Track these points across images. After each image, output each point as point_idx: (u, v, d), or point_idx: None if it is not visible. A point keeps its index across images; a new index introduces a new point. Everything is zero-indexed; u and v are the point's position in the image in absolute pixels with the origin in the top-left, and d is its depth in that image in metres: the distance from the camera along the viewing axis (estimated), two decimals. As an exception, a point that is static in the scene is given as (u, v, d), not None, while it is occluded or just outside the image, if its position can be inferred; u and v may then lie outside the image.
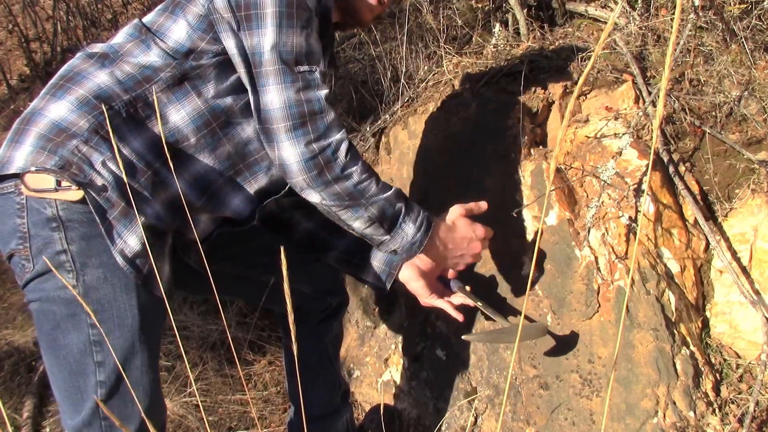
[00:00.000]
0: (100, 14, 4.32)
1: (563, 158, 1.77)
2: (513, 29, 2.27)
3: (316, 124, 1.11)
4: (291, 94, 1.10)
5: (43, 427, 2.08)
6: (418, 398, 1.79)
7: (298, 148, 1.11)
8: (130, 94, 1.13)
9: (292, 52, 1.10)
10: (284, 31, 1.09)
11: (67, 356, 1.15)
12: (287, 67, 1.10)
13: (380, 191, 1.19)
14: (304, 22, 1.11)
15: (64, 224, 1.10)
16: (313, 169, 1.12)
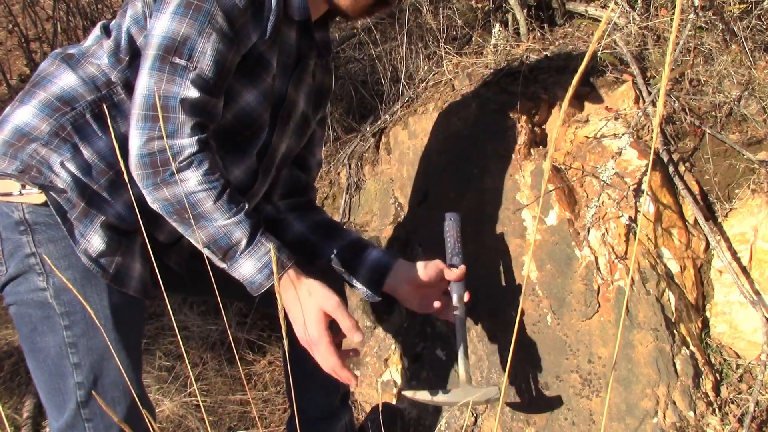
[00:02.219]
0: (100, 14, 4.32)
1: (563, 158, 1.77)
2: (513, 29, 2.27)
3: (167, 123, 1.05)
4: (152, 83, 1.05)
5: (43, 427, 2.08)
6: (418, 398, 1.79)
7: (139, 141, 1.05)
8: (95, 94, 1.14)
9: (175, 40, 1.05)
10: (177, 19, 1.05)
11: (45, 359, 1.15)
12: (163, 54, 1.05)
13: (217, 212, 1.07)
14: (201, 16, 1.05)
15: (31, 227, 1.10)
16: (148, 167, 1.05)
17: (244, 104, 1.22)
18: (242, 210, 1.10)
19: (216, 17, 1.06)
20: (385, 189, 2.16)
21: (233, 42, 1.10)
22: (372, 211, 2.22)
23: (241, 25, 1.10)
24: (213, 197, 1.07)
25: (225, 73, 1.11)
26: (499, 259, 1.70)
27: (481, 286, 1.72)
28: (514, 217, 1.69)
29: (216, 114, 1.12)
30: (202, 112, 1.09)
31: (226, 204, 1.08)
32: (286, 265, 1.13)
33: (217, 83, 1.10)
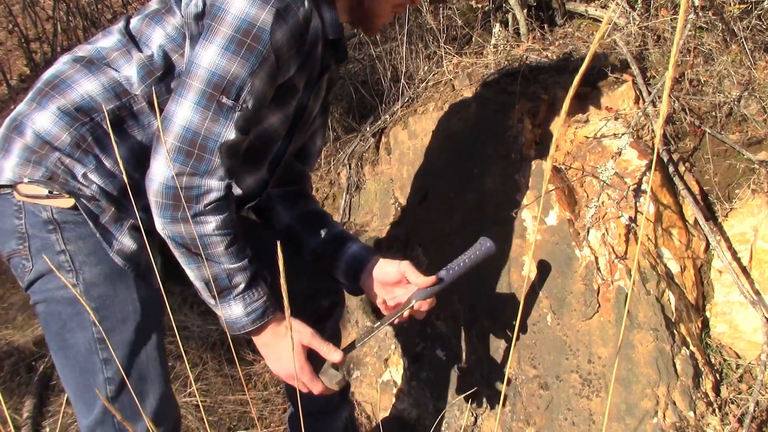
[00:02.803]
0: (100, 14, 4.32)
1: (563, 158, 1.77)
2: (513, 29, 2.27)
3: (201, 161, 1.06)
4: (196, 118, 1.05)
5: (43, 427, 2.08)
6: (418, 398, 1.79)
7: (168, 171, 1.05)
8: (114, 103, 1.13)
9: (225, 78, 1.04)
10: (228, 56, 1.03)
11: (75, 355, 1.16)
12: (211, 92, 1.04)
13: (226, 256, 1.11)
14: (254, 57, 1.04)
15: (60, 226, 1.12)
16: (170, 199, 1.06)
17: (268, 126, 1.23)
18: (247, 257, 1.14)
19: (269, 59, 1.06)
20: (385, 189, 2.16)
21: (276, 79, 1.11)
22: (372, 211, 2.22)
23: (285, 61, 1.10)
24: (226, 243, 1.10)
25: (262, 108, 1.13)
26: (499, 259, 1.70)
27: (481, 286, 1.72)
28: (514, 217, 1.69)
29: (242, 150, 1.14)
30: (236, 154, 1.11)
31: (236, 251, 1.12)
32: (272, 313, 1.18)
33: (254, 120, 1.12)
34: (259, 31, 1.02)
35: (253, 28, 1.02)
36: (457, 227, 1.82)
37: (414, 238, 1.95)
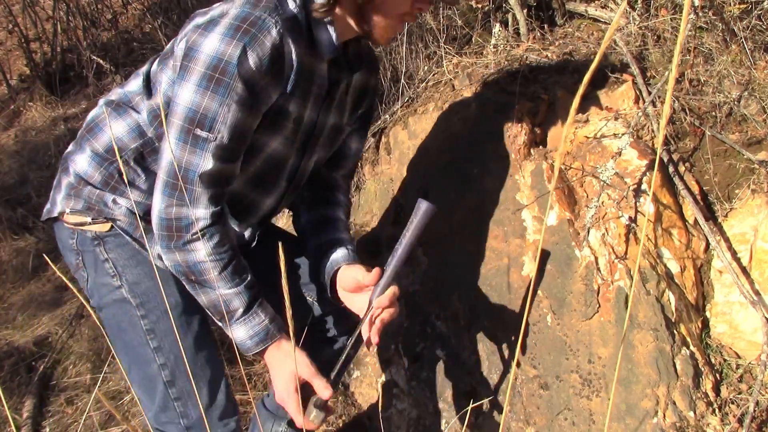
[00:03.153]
0: (100, 14, 4.32)
1: (563, 158, 1.77)
2: (513, 29, 2.27)
3: (185, 193, 1.14)
4: (177, 153, 1.14)
5: (43, 427, 2.08)
6: (418, 398, 1.79)
7: (161, 205, 1.16)
8: (138, 141, 1.28)
9: (197, 113, 1.11)
10: (200, 92, 1.10)
11: (132, 351, 1.30)
12: (187, 126, 1.12)
13: (220, 281, 1.18)
14: (222, 89, 1.10)
15: (102, 240, 1.30)
16: (164, 230, 1.17)
17: (272, 150, 1.28)
18: (243, 282, 1.21)
19: (236, 89, 1.11)
20: (385, 189, 2.17)
21: (253, 107, 1.15)
22: (372, 211, 2.22)
23: (262, 88, 1.14)
24: (219, 268, 1.18)
25: (244, 137, 1.17)
26: (498, 260, 1.70)
27: (481, 286, 1.72)
28: (514, 217, 1.69)
29: (233, 176, 1.21)
30: (219, 181, 1.18)
31: (230, 275, 1.19)
32: (274, 336, 1.23)
33: (236, 149, 1.17)
34: (226, 64, 1.09)
35: (221, 62, 1.09)
36: (457, 227, 1.82)
37: (414, 238, 1.95)
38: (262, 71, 1.12)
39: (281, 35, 1.12)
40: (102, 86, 3.96)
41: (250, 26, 1.10)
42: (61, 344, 2.41)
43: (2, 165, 3.60)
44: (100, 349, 2.35)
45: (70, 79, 4.09)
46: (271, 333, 1.22)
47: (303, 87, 1.23)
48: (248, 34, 1.09)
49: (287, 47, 1.15)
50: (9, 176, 3.50)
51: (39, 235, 3.04)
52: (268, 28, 1.11)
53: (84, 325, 2.50)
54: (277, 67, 1.14)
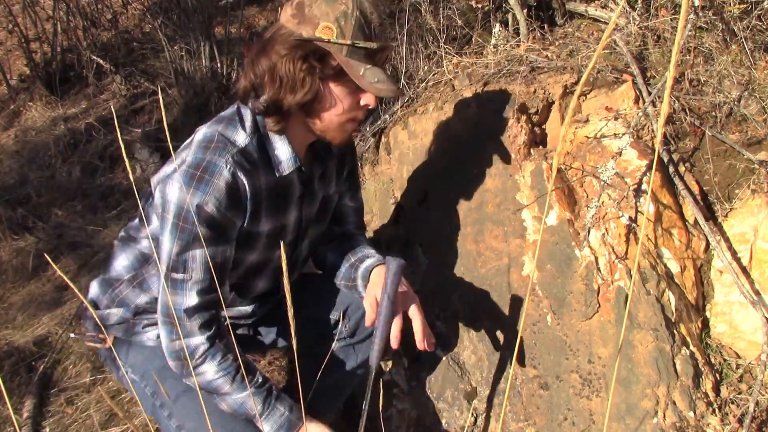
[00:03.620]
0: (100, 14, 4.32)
1: (563, 158, 1.76)
2: (513, 29, 2.27)
3: (179, 328, 1.28)
4: (164, 297, 1.29)
5: (43, 427, 2.08)
6: (418, 398, 1.79)
7: (166, 341, 1.31)
8: (139, 269, 1.46)
9: (170, 259, 1.24)
10: (172, 240, 1.24)
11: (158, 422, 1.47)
12: (167, 272, 1.26)
13: (235, 391, 1.30)
14: (186, 234, 1.22)
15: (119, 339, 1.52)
16: (175, 360, 1.32)
17: (249, 262, 1.40)
18: (254, 384, 1.33)
19: (198, 231, 1.22)
20: (385, 189, 2.16)
21: (219, 241, 1.26)
22: (372, 211, 2.22)
23: (224, 224, 1.25)
24: (229, 381, 1.30)
25: (220, 268, 1.29)
26: (498, 260, 1.70)
27: (481, 286, 1.72)
28: (514, 217, 1.69)
29: (220, 299, 1.31)
30: (207, 309, 1.29)
31: (240, 383, 1.31)
32: (296, 424, 1.33)
33: (213, 280, 1.27)
34: (187, 212, 1.21)
35: (182, 210, 1.22)
36: (457, 227, 1.82)
37: (414, 238, 1.95)
38: (222, 210, 1.23)
39: (233, 173, 1.23)
40: (102, 86, 3.96)
41: (203, 173, 1.21)
42: (61, 344, 2.41)
43: (2, 165, 3.60)
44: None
45: (70, 79, 4.09)
46: (293, 422, 1.32)
47: (271, 204, 1.34)
48: (203, 181, 1.21)
49: (240, 182, 1.25)
50: (9, 176, 3.50)
51: (39, 235, 3.03)
52: (219, 170, 1.22)
53: (84, 326, 2.50)
54: (234, 202, 1.25)
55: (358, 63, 1.20)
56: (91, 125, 3.61)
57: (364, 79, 1.20)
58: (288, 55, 1.20)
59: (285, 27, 1.22)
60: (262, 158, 1.29)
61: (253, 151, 1.27)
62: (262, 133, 1.29)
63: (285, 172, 1.31)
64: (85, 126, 3.63)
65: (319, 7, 1.19)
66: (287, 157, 1.31)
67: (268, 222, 1.35)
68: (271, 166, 1.30)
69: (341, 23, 1.18)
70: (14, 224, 3.13)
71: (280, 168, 1.31)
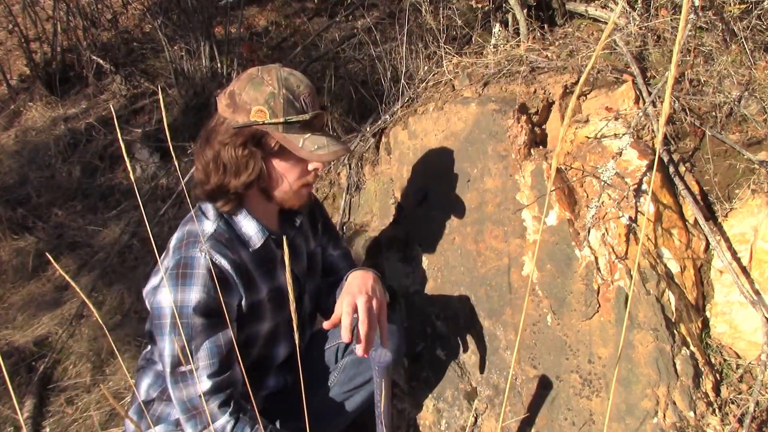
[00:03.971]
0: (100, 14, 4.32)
1: (563, 158, 1.77)
2: (513, 29, 2.27)
3: (201, 416, 1.31)
4: (177, 394, 1.31)
5: (43, 427, 2.08)
6: (418, 398, 1.79)
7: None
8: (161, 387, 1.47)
9: (175, 356, 1.28)
10: (170, 339, 1.28)
11: None
12: (172, 370, 1.30)
13: None
14: (186, 328, 1.27)
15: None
16: None
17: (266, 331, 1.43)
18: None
19: (195, 322, 1.27)
20: (385, 189, 2.16)
21: (218, 327, 1.30)
22: (372, 211, 2.22)
23: (218, 308, 1.28)
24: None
25: (224, 350, 1.31)
26: (498, 259, 1.70)
27: (481, 286, 1.72)
28: (514, 217, 1.69)
29: (236, 378, 1.35)
30: (222, 390, 1.32)
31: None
32: None
33: (222, 362, 1.31)
34: (181, 308, 1.27)
35: (176, 308, 1.27)
36: (457, 227, 1.82)
37: (414, 238, 1.95)
38: (212, 295, 1.27)
39: (210, 258, 1.29)
40: (102, 86, 3.96)
41: (184, 269, 1.28)
42: (61, 344, 2.41)
43: (2, 165, 3.60)
44: (100, 349, 2.35)
45: (70, 79, 4.09)
46: None
47: (262, 272, 1.39)
48: (186, 276, 1.27)
49: (219, 264, 1.31)
50: (9, 176, 3.50)
51: (39, 235, 3.04)
52: (197, 261, 1.28)
53: (84, 325, 2.50)
54: (221, 284, 1.30)
55: (296, 135, 1.30)
56: (91, 125, 3.61)
57: (304, 150, 1.30)
58: (229, 142, 1.30)
59: (222, 116, 1.31)
60: (235, 237, 1.38)
61: (224, 233, 1.35)
62: (226, 217, 1.38)
63: (257, 246, 1.39)
64: (85, 126, 3.63)
65: (248, 94, 1.29)
66: (255, 232, 1.39)
67: (265, 288, 1.40)
68: (244, 242, 1.39)
69: (271, 104, 1.28)
70: (14, 224, 3.13)
71: (251, 243, 1.39)
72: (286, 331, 1.51)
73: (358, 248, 2.13)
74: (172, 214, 2.86)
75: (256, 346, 1.44)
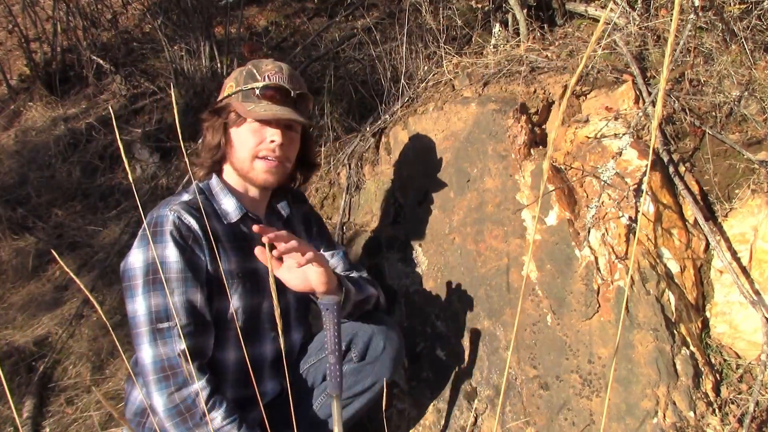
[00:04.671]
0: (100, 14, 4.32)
1: (563, 158, 1.77)
2: (513, 29, 2.27)
3: (176, 378, 1.28)
4: (154, 352, 1.29)
5: (43, 427, 2.08)
6: (418, 398, 1.79)
7: (163, 399, 1.29)
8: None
9: (151, 313, 1.29)
10: (147, 296, 1.29)
11: None
12: (149, 328, 1.29)
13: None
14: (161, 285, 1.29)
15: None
16: (176, 417, 1.29)
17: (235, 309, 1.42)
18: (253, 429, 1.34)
19: (171, 279, 1.30)
20: (385, 189, 2.16)
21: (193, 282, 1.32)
22: (372, 211, 2.22)
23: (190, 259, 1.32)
24: (236, 428, 1.31)
25: (198, 312, 1.33)
26: (498, 259, 1.70)
27: (481, 286, 1.72)
28: (514, 217, 1.69)
29: (208, 347, 1.36)
30: (198, 354, 1.32)
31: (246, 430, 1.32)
32: None
33: (197, 323, 1.32)
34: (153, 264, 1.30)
35: (149, 266, 1.30)
36: (457, 227, 1.82)
37: (414, 238, 1.95)
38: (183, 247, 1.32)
39: (178, 216, 1.34)
40: (102, 86, 3.96)
41: (155, 227, 1.33)
42: (61, 344, 2.41)
43: (2, 165, 3.60)
44: (100, 349, 2.35)
45: (70, 79, 4.09)
46: None
47: (233, 246, 1.42)
48: (157, 234, 1.32)
49: (187, 221, 1.35)
50: (9, 176, 3.50)
51: (39, 235, 3.04)
52: (166, 218, 1.34)
53: (84, 325, 2.50)
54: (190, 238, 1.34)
55: (252, 104, 1.42)
56: (91, 125, 3.61)
57: (249, 110, 1.40)
58: (207, 118, 1.48)
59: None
60: (212, 211, 1.43)
61: (198, 203, 1.40)
62: (207, 195, 1.45)
63: (233, 220, 1.44)
64: (85, 126, 3.63)
65: (229, 76, 1.49)
66: (233, 208, 1.45)
67: (235, 262, 1.42)
68: (219, 216, 1.44)
69: (237, 79, 1.46)
70: (14, 224, 3.13)
71: (228, 217, 1.44)
72: (271, 328, 1.50)
73: (358, 248, 2.13)
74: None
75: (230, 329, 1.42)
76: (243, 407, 1.44)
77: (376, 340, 1.52)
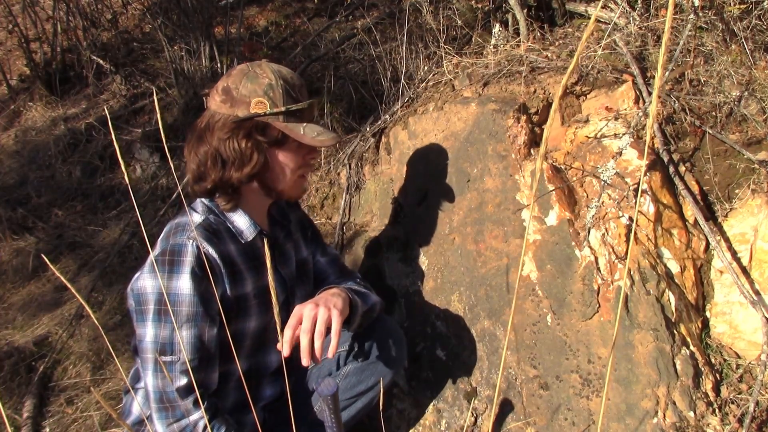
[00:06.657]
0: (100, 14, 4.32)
1: (563, 158, 1.77)
2: (513, 29, 2.27)
3: (174, 411, 1.29)
4: (156, 382, 1.30)
5: (43, 427, 2.08)
6: (418, 398, 1.79)
7: (162, 427, 1.31)
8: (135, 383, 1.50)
9: (158, 343, 1.28)
10: (157, 325, 1.27)
11: None
12: (155, 357, 1.28)
13: None
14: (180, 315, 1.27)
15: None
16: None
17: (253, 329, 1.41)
18: None
19: (182, 311, 1.27)
20: (385, 189, 2.16)
21: (203, 319, 1.29)
22: (372, 211, 2.22)
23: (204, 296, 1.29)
24: None
25: (206, 346, 1.31)
26: (498, 260, 1.70)
27: (481, 286, 1.72)
28: (514, 217, 1.69)
29: (212, 380, 1.34)
30: (201, 386, 1.31)
31: None
32: None
33: (201, 359, 1.31)
34: (169, 296, 1.26)
35: (161, 295, 1.26)
36: (457, 227, 1.82)
37: (414, 238, 1.95)
38: (201, 284, 1.27)
39: (196, 246, 1.28)
40: (102, 86, 3.96)
41: (171, 256, 1.27)
42: (61, 344, 2.41)
43: (2, 165, 3.60)
44: (100, 349, 2.35)
45: (70, 79, 4.09)
46: None
47: (249, 266, 1.39)
48: (174, 263, 1.27)
49: (206, 252, 1.30)
50: (9, 176, 3.50)
51: (39, 235, 3.04)
52: (185, 248, 1.27)
53: (84, 325, 2.50)
54: (209, 269, 1.28)
55: (296, 124, 1.33)
56: (91, 125, 3.61)
57: (307, 137, 1.33)
58: (230, 137, 1.31)
59: (218, 113, 1.32)
60: (224, 229, 1.38)
61: (212, 224, 1.35)
62: (217, 212, 1.38)
63: (249, 239, 1.39)
64: (85, 126, 3.63)
65: (246, 87, 1.31)
66: (247, 226, 1.40)
67: (251, 283, 1.40)
68: (233, 235, 1.39)
69: (270, 95, 1.31)
70: (14, 224, 3.13)
71: (243, 236, 1.39)
72: (277, 338, 1.50)
73: (358, 248, 2.13)
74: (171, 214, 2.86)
75: (243, 347, 1.42)
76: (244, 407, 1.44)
77: (379, 340, 1.52)
